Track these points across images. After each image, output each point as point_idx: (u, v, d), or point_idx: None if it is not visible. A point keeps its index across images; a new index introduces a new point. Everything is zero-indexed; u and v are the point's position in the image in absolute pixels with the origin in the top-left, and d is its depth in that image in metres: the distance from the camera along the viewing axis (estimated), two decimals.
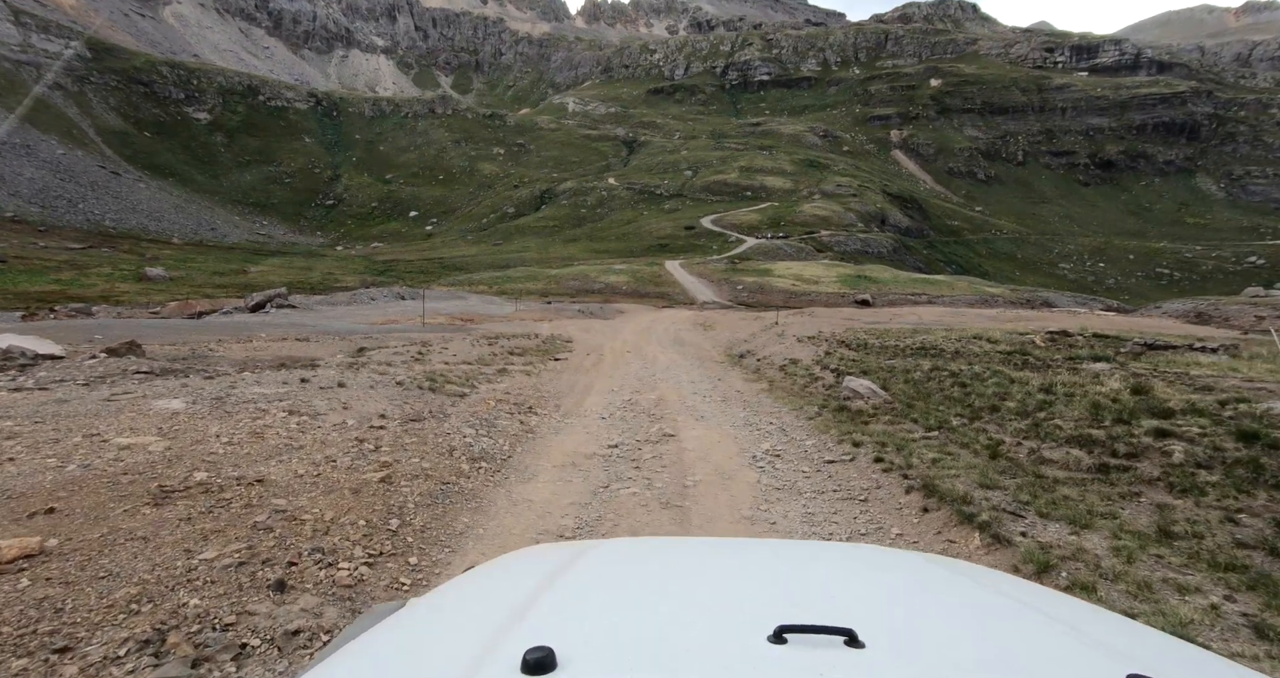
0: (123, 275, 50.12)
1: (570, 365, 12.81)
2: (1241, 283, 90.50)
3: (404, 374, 8.98)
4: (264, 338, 12.36)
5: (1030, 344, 13.33)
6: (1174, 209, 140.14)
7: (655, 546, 1.79)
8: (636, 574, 1.35)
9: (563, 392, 9.89)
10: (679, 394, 9.78)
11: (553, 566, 1.33)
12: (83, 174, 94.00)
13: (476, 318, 24.62)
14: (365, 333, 15.03)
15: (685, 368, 13.04)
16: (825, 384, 9.90)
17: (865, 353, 12.94)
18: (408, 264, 76.10)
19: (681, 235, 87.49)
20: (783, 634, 0.89)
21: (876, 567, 1.45)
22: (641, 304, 45.90)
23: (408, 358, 10.59)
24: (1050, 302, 52.38)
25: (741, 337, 18.41)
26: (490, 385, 9.47)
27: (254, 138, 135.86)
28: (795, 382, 10.55)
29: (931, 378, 9.89)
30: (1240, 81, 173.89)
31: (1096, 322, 23.74)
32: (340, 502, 4.20)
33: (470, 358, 11.50)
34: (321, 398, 6.86)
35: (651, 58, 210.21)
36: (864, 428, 7.12)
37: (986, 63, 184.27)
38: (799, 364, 11.97)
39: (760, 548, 1.70)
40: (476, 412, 7.38)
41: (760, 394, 9.96)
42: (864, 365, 11.20)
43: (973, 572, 1.43)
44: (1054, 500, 4.61)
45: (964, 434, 6.58)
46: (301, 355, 10.06)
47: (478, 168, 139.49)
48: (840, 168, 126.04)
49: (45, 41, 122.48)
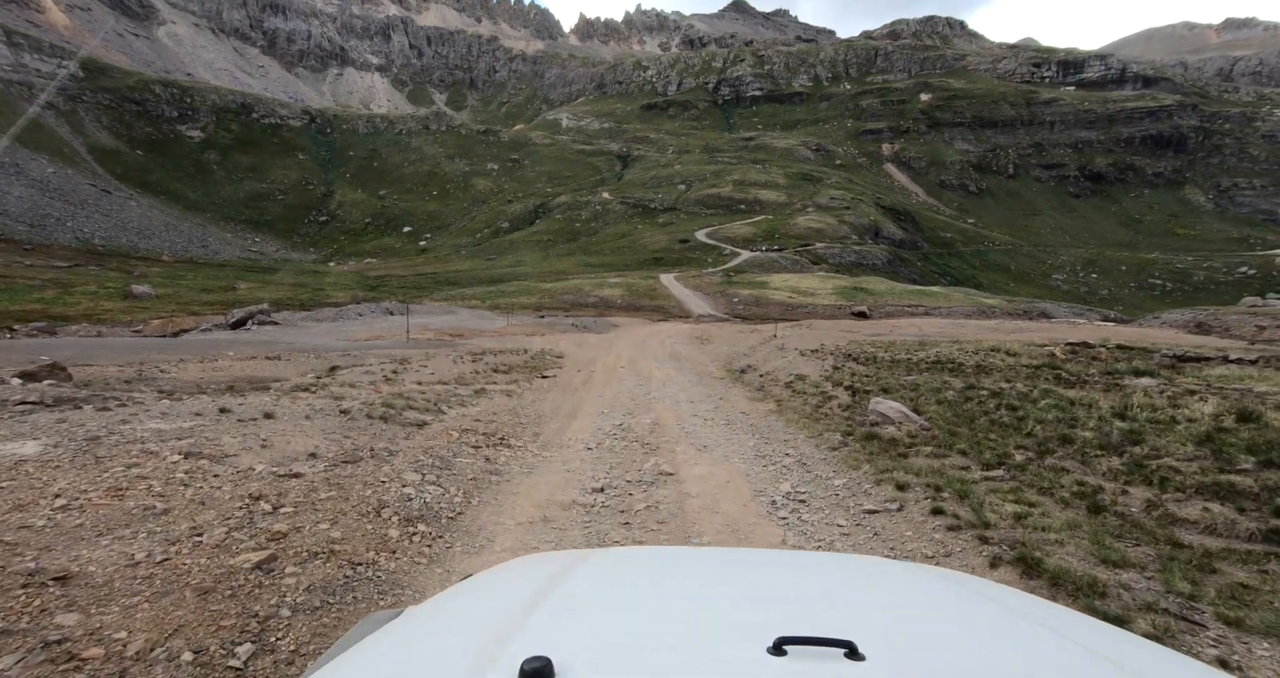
0: (108, 293, 49.26)
1: (558, 383, 12.08)
2: (1233, 293, 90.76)
3: (359, 399, 8.02)
4: (231, 357, 11.58)
5: (1052, 357, 12.61)
6: (1164, 220, 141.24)
7: (655, 555, 1.75)
8: (635, 584, 1.33)
9: (545, 415, 9.09)
10: (677, 417, 9.00)
11: (551, 574, 1.32)
12: (72, 192, 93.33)
13: (466, 333, 23.88)
14: (344, 350, 14.29)
15: (683, 385, 12.31)
16: (841, 404, 9.10)
17: (877, 368, 12.21)
18: (400, 279, 75.43)
19: (676, 249, 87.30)
20: (782, 646, 0.88)
21: (877, 578, 1.43)
22: (636, 318, 45.31)
23: (378, 377, 9.79)
24: (1047, 313, 52.04)
25: (740, 350, 17.75)
26: (461, 410, 8.57)
27: (247, 155, 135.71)
28: (806, 401, 9.74)
29: (969, 398, 8.84)
30: (1224, 95, 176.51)
31: (1112, 333, 23.15)
32: (172, 613, 2.87)
33: (448, 377, 10.78)
34: (236, 434, 5.71)
35: (645, 74, 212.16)
36: (903, 463, 6.00)
37: (975, 78, 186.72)
38: (806, 381, 11.26)
39: (760, 559, 1.63)
40: (433, 447, 6.28)
41: (769, 416, 9.11)
42: (882, 382, 10.42)
43: (975, 585, 1.42)
44: (1230, 593, 3.27)
45: (1038, 475, 5.41)
46: (263, 376, 9.28)
47: (472, 183, 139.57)
48: (833, 181, 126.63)
49: (38, 61, 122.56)
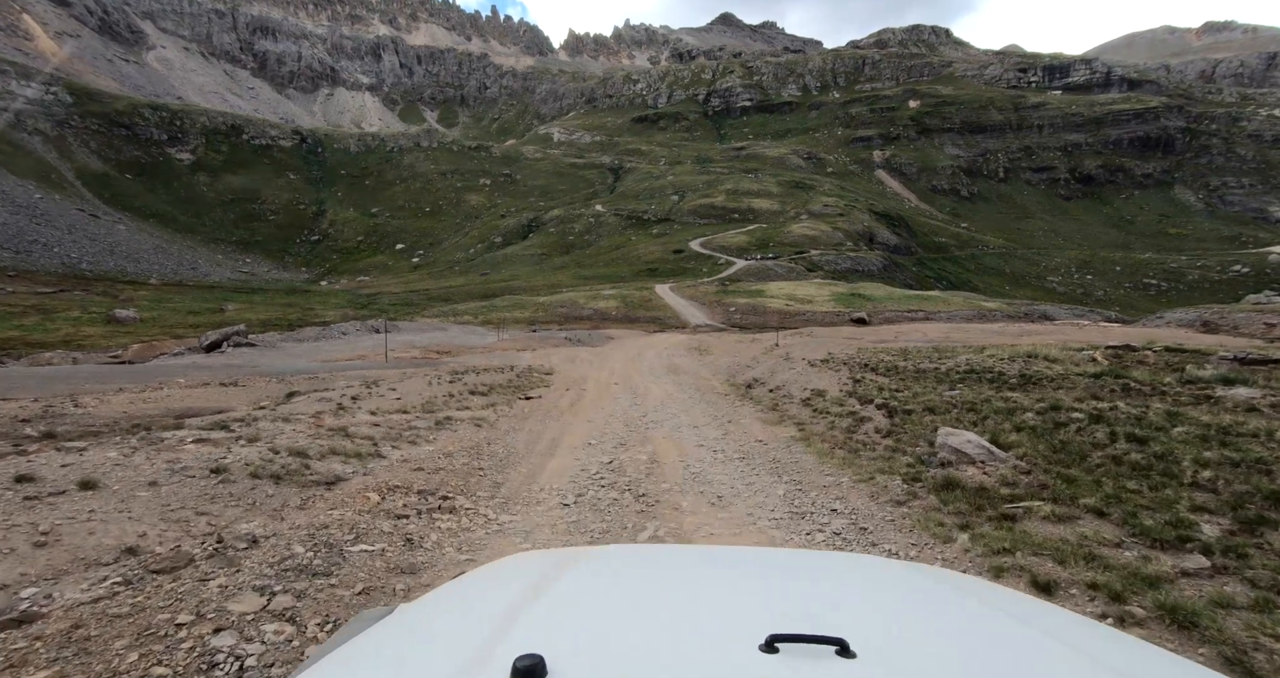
0: (90, 319, 48.24)
1: (542, 406, 10.88)
2: (1228, 291, 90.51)
3: (280, 442, 6.22)
4: (183, 383, 10.54)
5: (1097, 362, 11.36)
6: (1155, 221, 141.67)
7: (648, 554, 1.74)
8: (628, 583, 1.34)
9: (517, 453, 7.51)
10: (679, 449, 7.57)
11: (543, 573, 1.32)
12: (59, 217, 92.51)
13: (454, 350, 22.91)
14: (315, 372, 13.28)
15: (684, 404, 11.08)
16: (878, 428, 7.55)
17: (902, 379, 10.85)
18: (392, 297, 74.52)
19: (670, 259, 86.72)
20: (774, 644, 0.88)
21: (870, 577, 1.44)
22: (632, 329, 44.46)
23: (332, 406, 8.63)
24: (1048, 315, 51.35)
25: (742, 361, 16.71)
26: (409, 451, 6.94)
27: (237, 176, 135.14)
28: (834, 424, 8.25)
29: (1059, 423, 6.96)
30: (1208, 96, 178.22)
31: (1121, 334, 22.25)
32: None
33: (413, 403, 9.55)
34: (9, 520, 3.93)
35: (635, 87, 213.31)
36: (1017, 533, 4.19)
37: (963, 84, 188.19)
38: (827, 397, 9.95)
39: (753, 557, 1.64)
40: (331, 523, 4.37)
41: (793, 446, 7.50)
42: (921, 399, 8.82)
43: (968, 584, 1.42)
44: None
45: (1272, 561, 3.64)
46: (202, 407, 8.28)
47: (464, 199, 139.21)
48: (826, 188, 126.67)
49: (24, 88, 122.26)
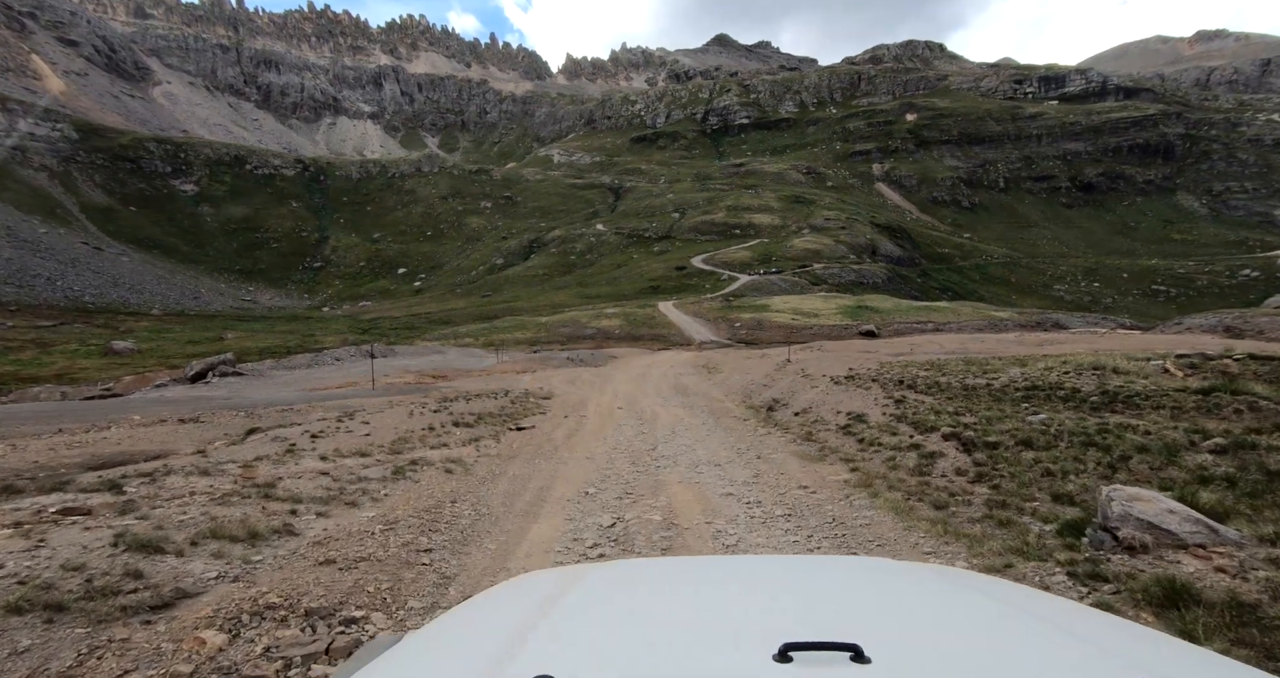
0: (88, 351, 47.73)
1: (535, 438, 9.60)
2: (1238, 296, 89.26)
3: (101, 537, 4.28)
4: (136, 421, 9.59)
5: (1165, 373, 10.04)
6: (1159, 227, 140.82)
7: (656, 567, 1.70)
8: (637, 596, 1.32)
9: (490, 513, 5.73)
10: (702, 501, 5.92)
11: (551, 591, 1.30)
12: (63, 251, 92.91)
13: (450, 374, 22.03)
14: (293, 403, 12.38)
15: (698, 432, 9.73)
16: (959, 469, 5.61)
17: (950, 398, 9.23)
18: (392, 321, 73.99)
19: (673, 276, 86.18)
20: (787, 652, 0.87)
21: (883, 580, 1.42)
22: (636, 347, 43.62)
23: (280, 450, 7.48)
24: (1060, 323, 50.29)
25: (755, 379, 15.55)
26: (340, 518, 5.19)
27: (240, 206, 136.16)
28: (894, 462, 6.50)
29: (1273, 474, 5.02)
30: (1205, 103, 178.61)
31: (1144, 342, 21.18)
32: None
33: (383, 440, 8.34)
34: None
35: (633, 108, 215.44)
36: None
37: (959, 96, 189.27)
38: (870, 422, 8.43)
39: (763, 565, 1.62)
40: None
41: (853, 496, 5.75)
42: (1001, 428, 6.77)
43: (983, 584, 1.40)
44: None
45: None
46: (138, 451, 7.33)
47: (465, 222, 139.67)
48: (826, 202, 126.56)
49: (32, 126, 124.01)
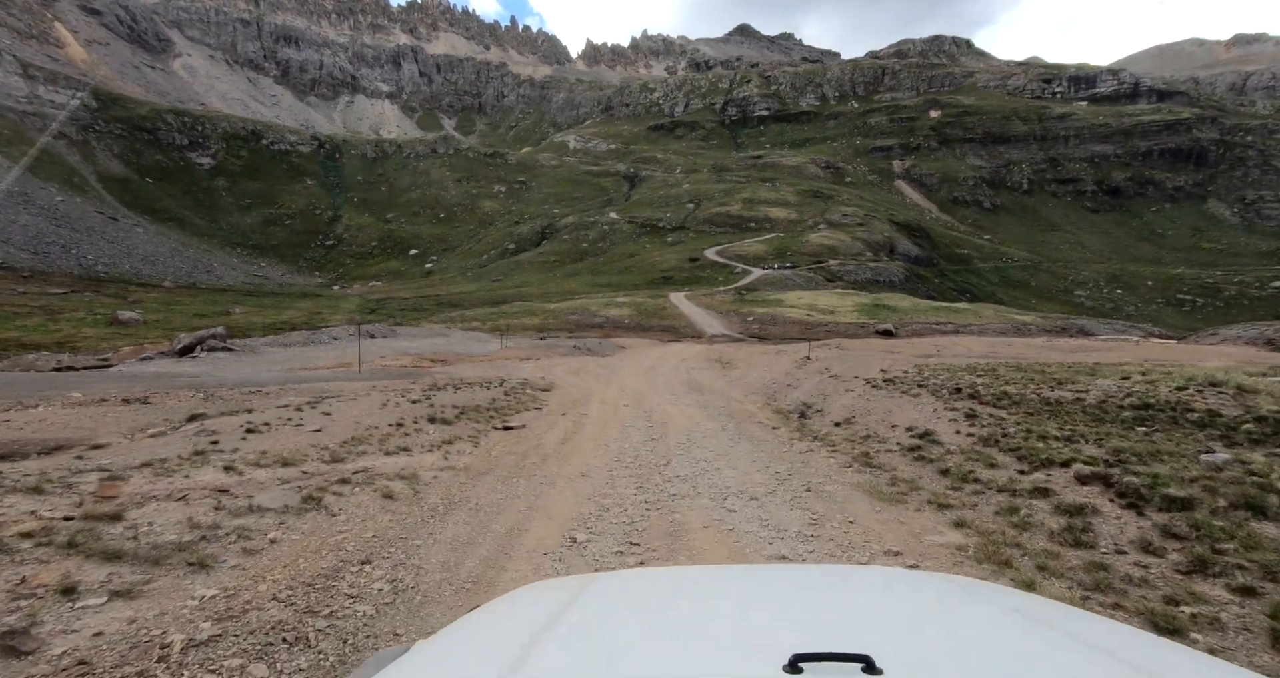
0: (94, 320, 47.46)
1: (522, 443, 8.23)
2: (1269, 307, 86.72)
3: None
4: (76, 399, 8.72)
5: None
6: (1188, 234, 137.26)
7: (664, 576, 1.64)
8: (645, 606, 1.30)
9: (412, 589, 3.76)
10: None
11: (559, 602, 1.29)
12: (79, 220, 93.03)
13: (449, 358, 21.12)
14: (264, 385, 11.47)
15: (720, 443, 8.07)
16: (1143, 543, 4.22)
17: (1028, 414, 7.29)
18: (401, 302, 73.41)
19: (686, 267, 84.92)
20: (798, 663, 0.86)
21: (894, 590, 1.40)
22: (645, 338, 42.61)
23: (189, 450, 6.13)
24: (1086, 329, 48.59)
25: (775, 377, 14.20)
26: (124, 615, 3.11)
27: (256, 181, 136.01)
28: (1019, 515, 4.84)
29: None
30: (1241, 108, 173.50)
31: (1189, 352, 19.79)
32: None
33: (332, 440, 6.90)
34: None
35: (651, 96, 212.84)
36: None
37: (985, 94, 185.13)
38: (943, 444, 6.64)
39: (773, 574, 1.58)
40: None
41: (997, 577, 3.88)
42: (1179, 472, 5.25)
43: (995, 593, 1.38)
44: None
45: None
46: (41, 439, 6.37)
47: (479, 205, 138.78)
48: (844, 198, 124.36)
49: (52, 93, 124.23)
